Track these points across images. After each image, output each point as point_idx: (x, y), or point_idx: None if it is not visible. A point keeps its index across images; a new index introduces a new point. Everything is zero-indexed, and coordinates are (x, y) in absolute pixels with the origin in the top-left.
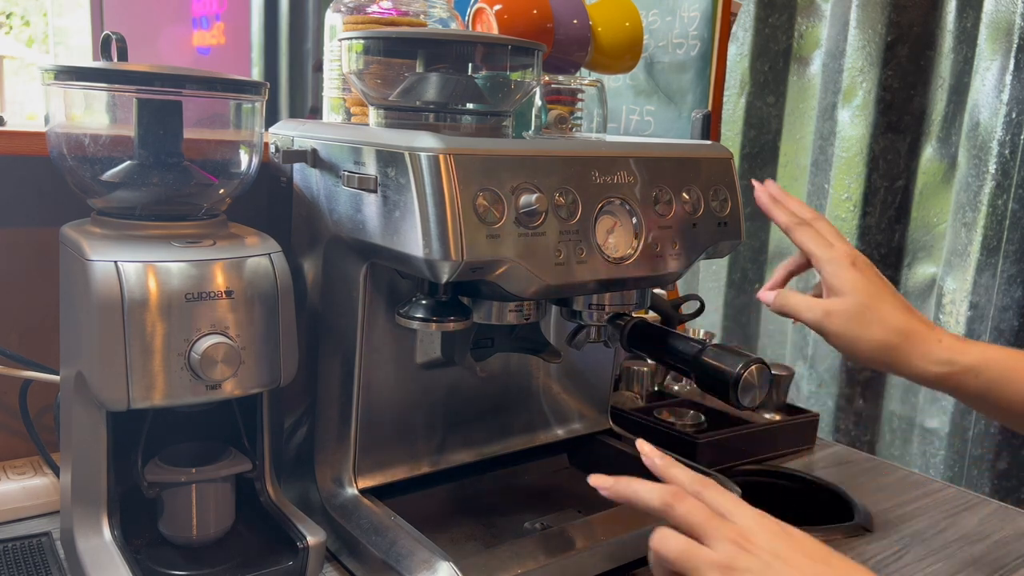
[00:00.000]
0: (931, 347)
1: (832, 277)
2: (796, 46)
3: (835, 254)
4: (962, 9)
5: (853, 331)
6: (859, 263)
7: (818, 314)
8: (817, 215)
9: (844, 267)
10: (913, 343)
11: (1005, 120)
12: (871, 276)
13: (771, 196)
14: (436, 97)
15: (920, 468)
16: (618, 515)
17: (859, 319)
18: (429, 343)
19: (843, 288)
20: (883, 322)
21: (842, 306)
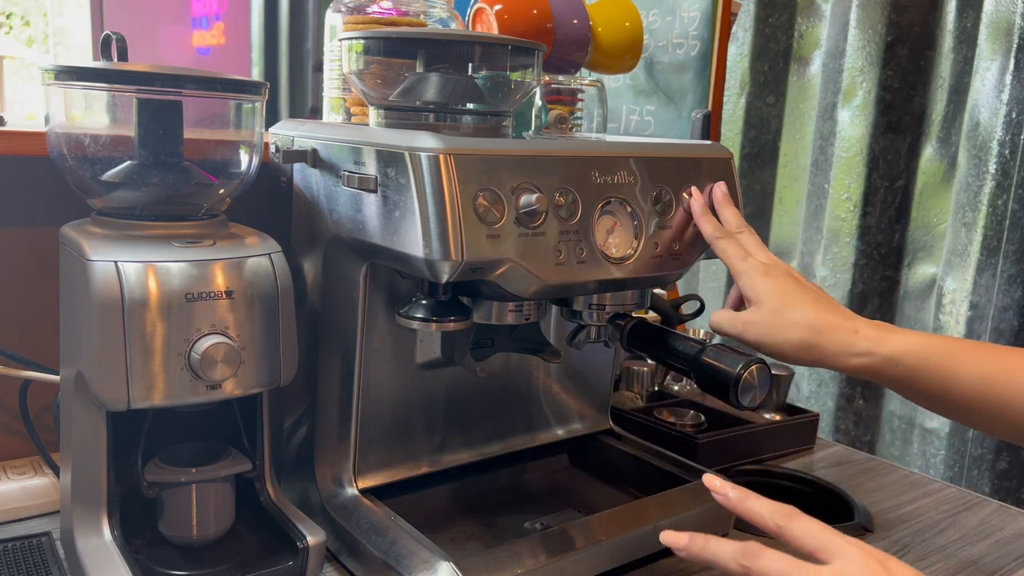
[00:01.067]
0: (848, 339)
1: (746, 288)
2: (796, 46)
3: (748, 265)
4: (962, 9)
5: (770, 337)
6: (773, 271)
7: (738, 327)
8: (743, 227)
9: (757, 277)
10: (829, 338)
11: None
12: (784, 281)
13: (702, 205)
14: (436, 97)
15: (920, 468)
16: (618, 515)
17: (773, 324)
18: (429, 343)
19: (756, 297)
20: (796, 323)
21: (756, 315)
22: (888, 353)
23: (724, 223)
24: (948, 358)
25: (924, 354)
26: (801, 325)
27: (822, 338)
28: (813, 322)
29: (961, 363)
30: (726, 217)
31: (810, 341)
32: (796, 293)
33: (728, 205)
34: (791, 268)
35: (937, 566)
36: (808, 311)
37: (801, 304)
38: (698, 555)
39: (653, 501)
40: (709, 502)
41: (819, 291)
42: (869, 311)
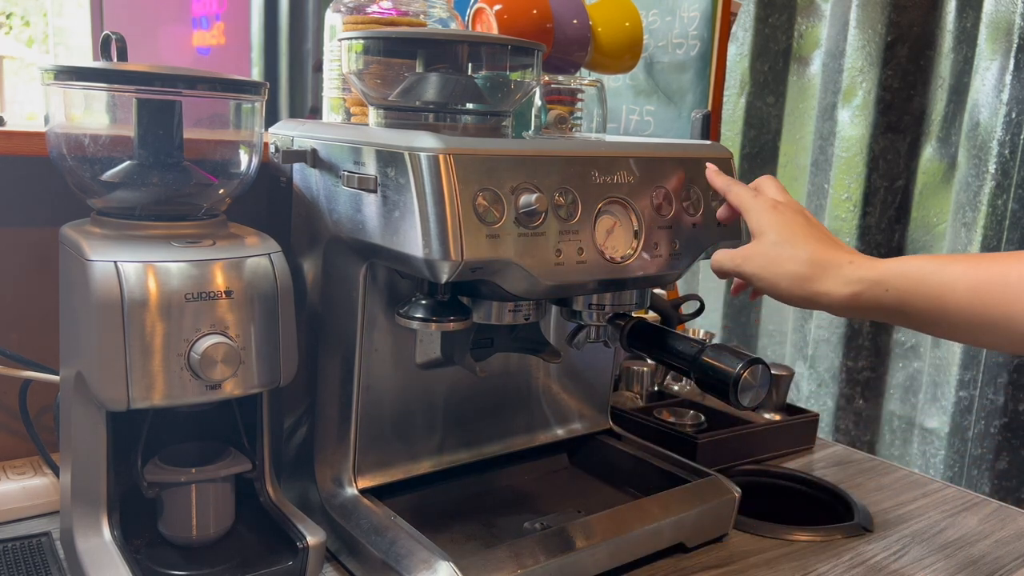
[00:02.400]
0: (842, 269)
1: (752, 223)
2: (796, 46)
3: (758, 202)
4: (962, 9)
5: (768, 269)
6: (781, 207)
7: (737, 260)
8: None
9: (764, 211)
10: (824, 269)
11: (1005, 120)
12: (791, 217)
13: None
14: (436, 97)
15: (920, 468)
16: (618, 515)
17: (772, 257)
18: (429, 343)
19: (760, 229)
20: (794, 256)
21: (757, 248)
22: (877, 276)
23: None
24: (937, 273)
25: (914, 274)
26: (799, 259)
27: (818, 270)
28: (812, 255)
29: (952, 277)
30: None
31: (806, 274)
32: (800, 227)
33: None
34: (803, 207)
35: (937, 566)
36: (808, 245)
37: (803, 238)
38: None
39: (653, 501)
40: (709, 502)
41: (825, 230)
42: None
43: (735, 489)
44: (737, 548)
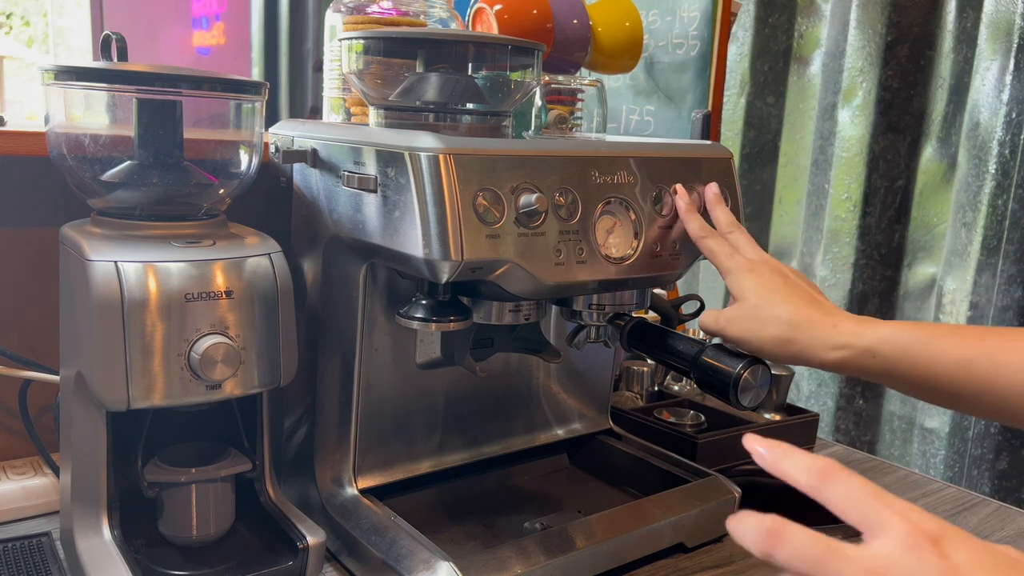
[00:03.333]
0: (825, 333)
1: (732, 286)
2: (796, 46)
3: (734, 263)
4: (962, 9)
5: (751, 332)
6: (759, 267)
7: (721, 323)
8: (734, 226)
9: (742, 274)
10: (806, 333)
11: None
12: (768, 278)
13: (688, 204)
14: (436, 97)
15: (920, 468)
16: (618, 515)
17: (753, 320)
18: (429, 343)
19: (740, 293)
20: (774, 318)
21: (737, 311)
22: (865, 345)
23: (715, 223)
24: (926, 346)
25: (902, 344)
26: (779, 320)
27: (800, 333)
28: (791, 317)
29: (939, 351)
30: (717, 217)
31: (787, 336)
32: (778, 288)
33: (719, 205)
34: (781, 265)
35: None
36: (787, 306)
37: (781, 299)
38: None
39: (653, 501)
40: (709, 502)
41: (805, 287)
42: (869, 311)
43: (735, 489)
44: (737, 548)
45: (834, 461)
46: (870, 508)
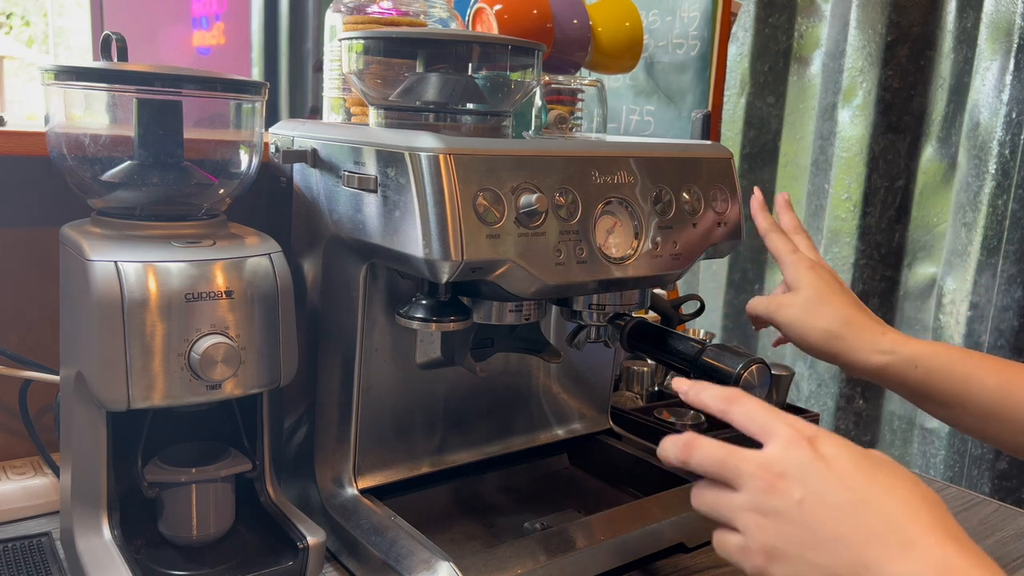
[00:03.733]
0: (874, 337)
1: (790, 278)
2: (796, 46)
3: (796, 257)
4: (962, 9)
5: (801, 321)
6: (818, 268)
7: (772, 306)
8: (799, 229)
9: (802, 267)
10: (857, 333)
11: (1005, 120)
12: (826, 277)
13: (761, 203)
14: (436, 97)
15: (920, 468)
16: (618, 515)
17: (808, 310)
18: (429, 343)
19: (798, 284)
20: (829, 314)
21: (794, 299)
22: (910, 354)
23: (782, 223)
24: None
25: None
26: (833, 316)
27: (850, 331)
28: (845, 315)
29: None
30: (784, 219)
31: (838, 332)
32: (836, 289)
33: (788, 210)
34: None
35: None
36: (843, 307)
37: (837, 299)
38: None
39: (653, 501)
40: None
41: (855, 296)
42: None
43: None
44: None
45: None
46: (764, 420)
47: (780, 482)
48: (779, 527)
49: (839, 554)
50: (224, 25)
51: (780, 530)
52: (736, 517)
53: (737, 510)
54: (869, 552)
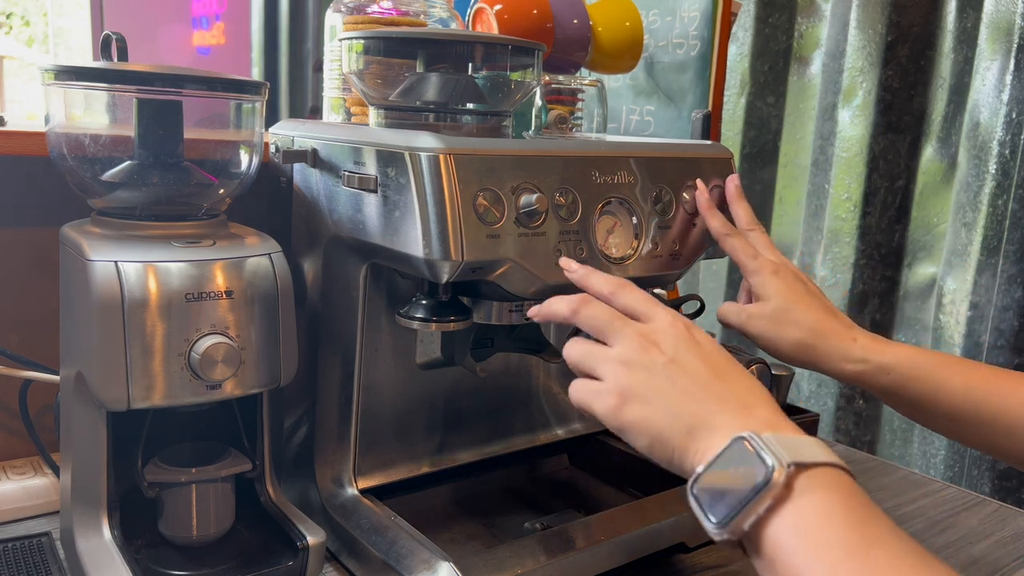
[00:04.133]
0: (846, 345)
1: (756, 286)
2: (796, 46)
3: (759, 264)
4: (962, 9)
5: (771, 332)
6: (782, 272)
7: (742, 318)
8: (755, 225)
9: (766, 275)
10: (828, 342)
11: (1005, 120)
12: (792, 283)
13: (708, 200)
14: (436, 97)
15: (920, 468)
16: (618, 515)
17: (776, 321)
18: (429, 343)
19: (764, 294)
20: (798, 323)
21: (762, 310)
22: (882, 362)
23: (736, 220)
24: (939, 369)
25: (915, 365)
26: (803, 326)
27: (821, 341)
28: (815, 325)
29: (951, 375)
30: (738, 214)
31: (809, 342)
32: (802, 295)
33: (740, 201)
34: (799, 271)
35: None
36: (812, 314)
37: (805, 306)
38: (542, 314)
39: (653, 501)
40: None
41: (823, 296)
42: (869, 311)
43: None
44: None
45: (628, 281)
46: (649, 305)
47: (653, 346)
48: (641, 375)
49: (686, 405)
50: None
51: (640, 378)
52: (602, 366)
53: (605, 360)
54: (711, 407)
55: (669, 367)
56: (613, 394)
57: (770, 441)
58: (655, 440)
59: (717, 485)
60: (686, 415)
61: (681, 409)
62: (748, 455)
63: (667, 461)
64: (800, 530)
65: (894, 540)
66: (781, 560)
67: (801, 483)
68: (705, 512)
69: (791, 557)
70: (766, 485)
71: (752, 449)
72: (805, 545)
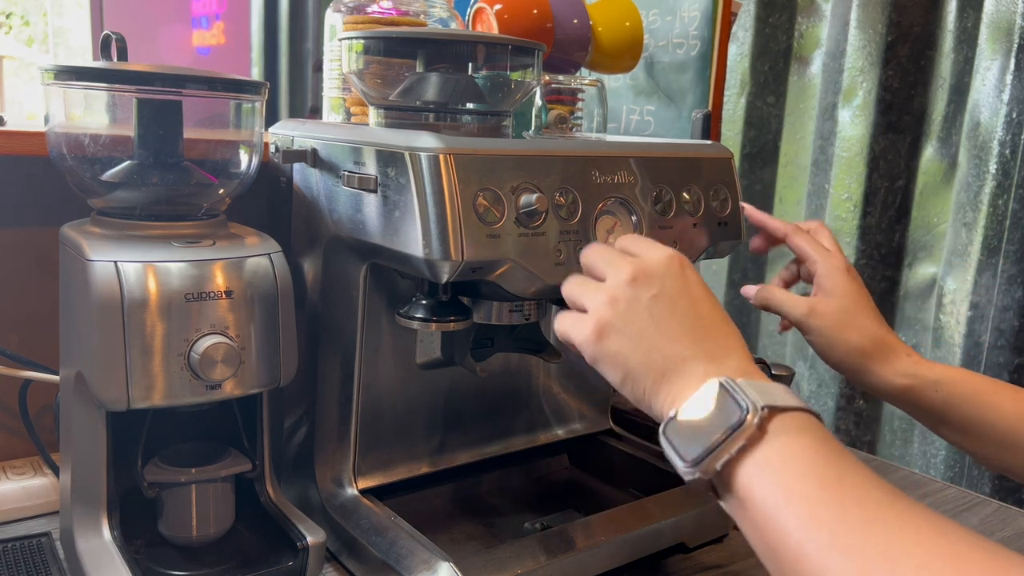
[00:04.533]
0: (900, 359)
1: (825, 279)
2: (796, 46)
3: (832, 259)
4: (963, 9)
5: (833, 331)
6: (853, 273)
7: (804, 310)
8: (822, 224)
9: (839, 271)
10: (884, 353)
11: (1005, 120)
12: (860, 287)
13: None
14: (436, 97)
15: (920, 468)
16: (618, 515)
17: (841, 321)
18: (429, 343)
19: (834, 290)
20: (862, 328)
21: (828, 307)
22: (933, 378)
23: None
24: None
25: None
26: (865, 332)
27: (878, 351)
28: (878, 335)
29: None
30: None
31: (868, 351)
32: (867, 302)
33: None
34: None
35: None
36: (875, 324)
37: (870, 314)
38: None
39: (653, 501)
40: (710, 502)
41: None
42: None
43: None
44: (737, 548)
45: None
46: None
47: (644, 276)
48: (624, 309)
49: (663, 346)
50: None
51: (624, 312)
52: (591, 298)
53: (595, 291)
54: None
55: (653, 303)
56: (594, 324)
57: (744, 386)
58: (628, 376)
59: (691, 426)
60: (660, 357)
61: (657, 350)
62: (722, 398)
63: (637, 399)
64: (772, 468)
65: (865, 475)
66: (753, 498)
67: (774, 426)
68: (678, 452)
69: (764, 494)
70: (740, 426)
71: (727, 392)
72: (778, 482)
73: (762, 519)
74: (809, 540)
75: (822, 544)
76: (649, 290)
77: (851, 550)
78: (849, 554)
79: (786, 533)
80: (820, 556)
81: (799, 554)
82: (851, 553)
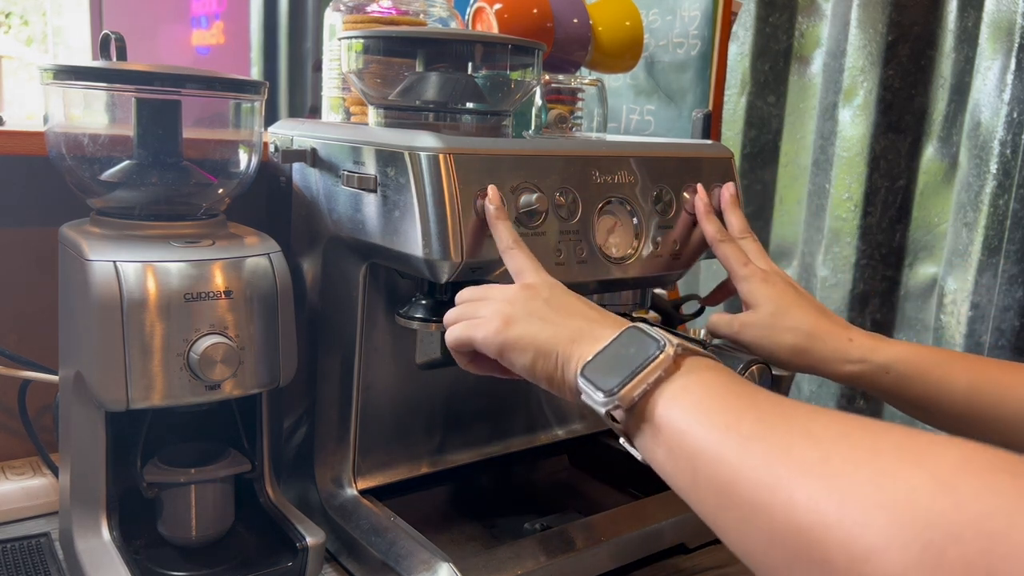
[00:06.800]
0: (842, 346)
1: (746, 293)
2: (797, 45)
3: (749, 271)
4: (963, 8)
5: (766, 339)
6: (772, 278)
7: (735, 327)
8: (747, 232)
9: (756, 283)
10: (823, 344)
11: (1006, 120)
12: (782, 288)
13: (706, 206)
14: (436, 96)
15: None
16: (618, 515)
17: (770, 328)
18: (429, 343)
19: (755, 301)
20: (792, 328)
21: (753, 318)
22: (881, 361)
23: (729, 227)
24: (940, 366)
25: (916, 363)
26: (797, 330)
27: (817, 343)
28: (810, 328)
29: (953, 373)
30: (731, 221)
31: (805, 346)
32: (794, 300)
33: (735, 209)
34: (789, 277)
35: None
36: (806, 317)
37: (798, 310)
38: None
39: (653, 501)
40: None
41: (815, 300)
42: (869, 311)
43: None
44: None
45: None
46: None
47: (530, 287)
48: (524, 304)
49: (569, 322)
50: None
51: (524, 305)
52: (486, 306)
53: (487, 302)
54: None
55: (548, 300)
56: (495, 320)
57: (657, 328)
58: (538, 353)
59: (608, 360)
60: (568, 329)
61: (564, 325)
62: (638, 336)
63: (549, 375)
64: (690, 393)
65: (780, 397)
66: (671, 424)
67: (688, 363)
68: (595, 385)
69: (682, 416)
70: (657, 357)
71: (642, 331)
72: (695, 403)
73: (679, 440)
74: (728, 439)
75: (743, 437)
76: (541, 294)
77: (772, 434)
78: (769, 439)
79: (705, 443)
80: (740, 449)
81: (718, 457)
82: (771, 437)
